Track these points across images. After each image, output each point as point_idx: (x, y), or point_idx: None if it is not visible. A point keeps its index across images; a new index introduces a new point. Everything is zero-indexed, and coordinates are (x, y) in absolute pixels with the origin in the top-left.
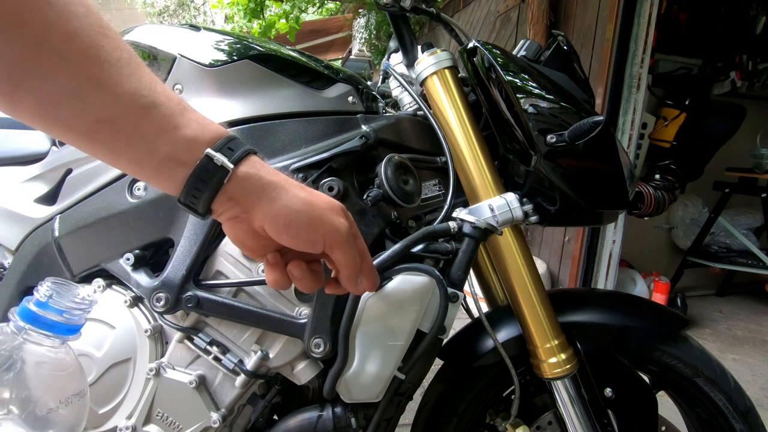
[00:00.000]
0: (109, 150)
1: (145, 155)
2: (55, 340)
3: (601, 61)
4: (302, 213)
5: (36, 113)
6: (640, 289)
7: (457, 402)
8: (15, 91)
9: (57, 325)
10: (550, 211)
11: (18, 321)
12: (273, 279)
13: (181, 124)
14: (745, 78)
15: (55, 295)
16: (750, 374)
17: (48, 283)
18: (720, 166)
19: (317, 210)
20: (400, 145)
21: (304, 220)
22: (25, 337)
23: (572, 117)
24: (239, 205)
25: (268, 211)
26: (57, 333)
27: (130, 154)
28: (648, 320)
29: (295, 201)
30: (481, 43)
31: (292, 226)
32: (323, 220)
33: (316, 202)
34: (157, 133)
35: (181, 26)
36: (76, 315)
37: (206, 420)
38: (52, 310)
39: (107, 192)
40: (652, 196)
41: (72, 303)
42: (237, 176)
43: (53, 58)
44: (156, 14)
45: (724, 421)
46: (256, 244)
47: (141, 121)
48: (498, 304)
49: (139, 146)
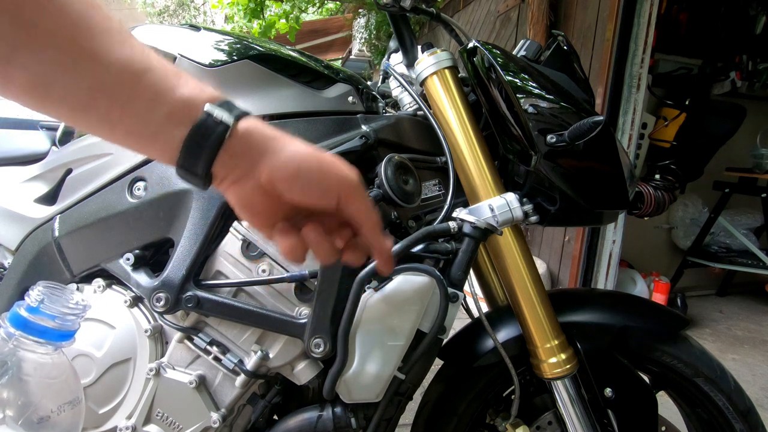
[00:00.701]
0: (105, 121)
1: (141, 122)
2: (47, 347)
3: (601, 61)
4: (311, 159)
5: (29, 90)
6: (640, 289)
7: (457, 402)
8: (6, 68)
9: (49, 331)
10: (550, 211)
11: (8, 327)
12: (288, 245)
13: (177, 85)
14: (745, 78)
15: (47, 300)
16: (750, 374)
17: (39, 288)
18: (720, 166)
19: (326, 158)
20: (400, 145)
21: (314, 166)
22: (15, 343)
23: (572, 117)
24: (243, 163)
25: (275, 162)
26: (49, 339)
27: (126, 124)
28: (648, 320)
29: (302, 149)
30: (481, 43)
31: (302, 174)
32: (333, 168)
33: (323, 153)
34: (153, 96)
35: (181, 26)
36: (69, 320)
37: (206, 420)
38: (44, 315)
39: (107, 192)
40: (652, 196)
41: (65, 308)
42: (238, 131)
43: (43, 33)
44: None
45: (724, 421)
46: (264, 207)
47: (136, 86)
48: (498, 304)
49: (134, 113)
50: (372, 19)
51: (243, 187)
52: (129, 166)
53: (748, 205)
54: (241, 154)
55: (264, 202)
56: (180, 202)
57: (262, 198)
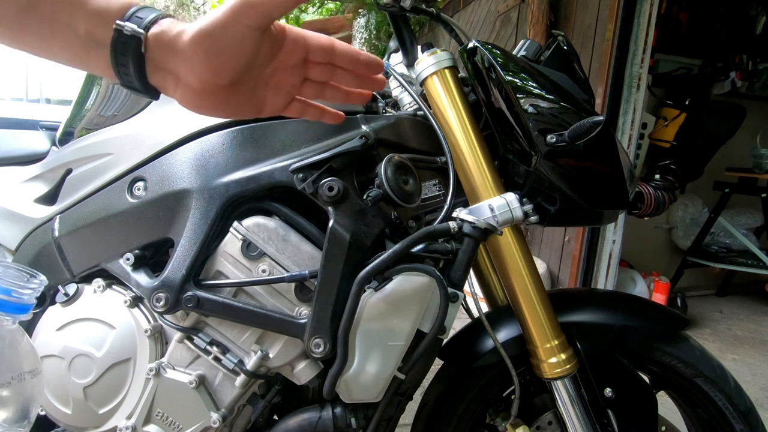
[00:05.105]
0: (41, 39)
1: (69, 38)
2: (5, 319)
3: (601, 61)
4: (218, 17)
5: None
6: (640, 289)
7: (457, 402)
8: None
9: (5, 303)
10: (550, 211)
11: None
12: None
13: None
14: (745, 78)
15: (3, 275)
16: (750, 374)
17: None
18: (720, 166)
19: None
20: (400, 145)
21: (218, 28)
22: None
23: (572, 117)
24: (174, 66)
25: (188, 51)
26: (6, 311)
27: (58, 41)
28: (648, 320)
29: (205, 20)
30: (481, 43)
31: (215, 35)
32: (238, 13)
33: (220, 12)
34: (70, 10)
35: None
36: (25, 295)
37: (206, 420)
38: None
39: (107, 192)
40: (652, 196)
41: (20, 282)
42: (150, 41)
43: None
44: None
45: (724, 421)
46: (223, 97)
47: (55, 2)
48: (498, 304)
49: (61, 29)
50: (372, 19)
51: (191, 89)
52: (129, 166)
53: (748, 205)
54: (166, 59)
55: (220, 93)
56: (180, 202)
57: (214, 92)
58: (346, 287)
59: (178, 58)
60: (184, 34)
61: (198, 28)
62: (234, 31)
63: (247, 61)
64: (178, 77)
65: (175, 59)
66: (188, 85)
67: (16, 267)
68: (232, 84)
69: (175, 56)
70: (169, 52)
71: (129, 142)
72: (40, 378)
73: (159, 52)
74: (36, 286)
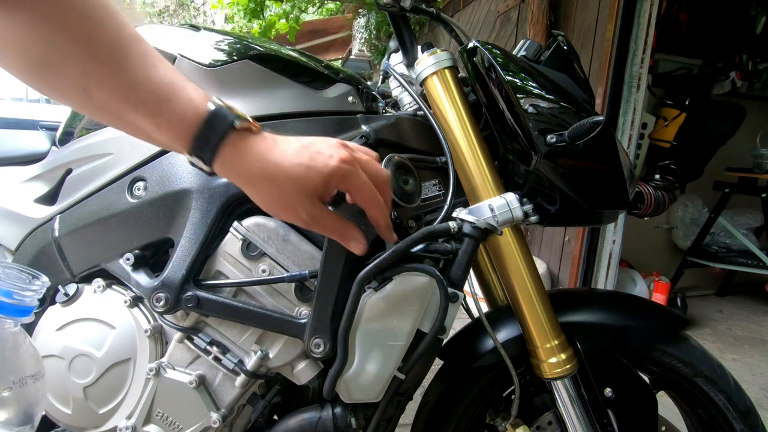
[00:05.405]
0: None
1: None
2: (6, 321)
3: (601, 61)
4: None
5: (73, 93)
6: (640, 289)
7: (457, 402)
8: (55, 76)
9: (6, 305)
10: (550, 211)
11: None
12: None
13: (185, 87)
14: (745, 78)
15: (5, 277)
16: (750, 374)
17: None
18: (720, 166)
19: (299, 167)
20: (400, 145)
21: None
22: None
23: (572, 117)
24: (240, 157)
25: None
26: (7, 314)
27: (140, 120)
28: (648, 320)
29: (284, 160)
30: (481, 43)
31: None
32: (309, 172)
33: (307, 145)
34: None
35: (180, 26)
36: (27, 296)
37: (206, 420)
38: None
39: (107, 192)
40: (652, 196)
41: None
42: (238, 129)
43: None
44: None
45: (724, 421)
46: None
47: (162, 103)
48: (498, 304)
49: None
50: (372, 19)
51: (238, 175)
52: (129, 166)
53: (748, 205)
54: (239, 151)
55: (268, 192)
56: (180, 202)
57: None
58: (346, 287)
59: (253, 160)
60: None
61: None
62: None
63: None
64: (243, 169)
65: (251, 158)
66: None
67: (18, 268)
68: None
69: (252, 157)
70: (249, 148)
71: (129, 142)
72: (42, 381)
73: (239, 142)
74: (38, 287)
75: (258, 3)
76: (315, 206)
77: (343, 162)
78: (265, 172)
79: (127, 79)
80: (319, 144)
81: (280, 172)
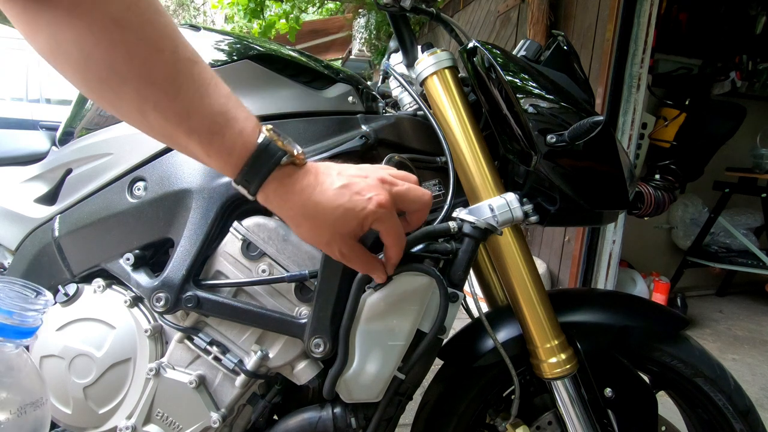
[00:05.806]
0: (179, 145)
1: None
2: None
3: (601, 61)
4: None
5: (133, 113)
6: (640, 289)
7: (457, 402)
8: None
9: (6, 327)
10: (550, 211)
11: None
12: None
13: (241, 116)
14: (745, 78)
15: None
16: (750, 374)
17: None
18: (720, 166)
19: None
20: (400, 145)
21: (329, 221)
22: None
23: (572, 117)
24: (285, 189)
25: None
26: (7, 336)
27: (195, 143)
28: (648, 320)
29: (325, 201)
30: (481, 43)
31: (316, 223)
32: (346, 215)
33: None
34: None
35: (180, 26)
36: (29, 317)
37: (206, 420)
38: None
39: (107, 192)
40: (652, 196)
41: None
42: (290, 161)
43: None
44: None
45: (724, 421)
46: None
47: (218, 128)
48: (498, 304)
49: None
50: (372, 19)
51: (281, 210)
52: (129, 166)
53: (748, 205)
54: (284, 185)
55: (306, 224)
56: (180, 202)
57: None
58: (346, 287)
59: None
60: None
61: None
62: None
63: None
64: (286, 200)
65: (299, 190)
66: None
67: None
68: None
69: (299, 191)
70: (297, 182)
71: (129, 142)
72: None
73: (289, 174)
74: (41, 306)
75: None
76: (349, 246)
77: (379, 207)
78: (306, 211)
79: (181, 106)
80: (360, 183)
81: (319, 211)
